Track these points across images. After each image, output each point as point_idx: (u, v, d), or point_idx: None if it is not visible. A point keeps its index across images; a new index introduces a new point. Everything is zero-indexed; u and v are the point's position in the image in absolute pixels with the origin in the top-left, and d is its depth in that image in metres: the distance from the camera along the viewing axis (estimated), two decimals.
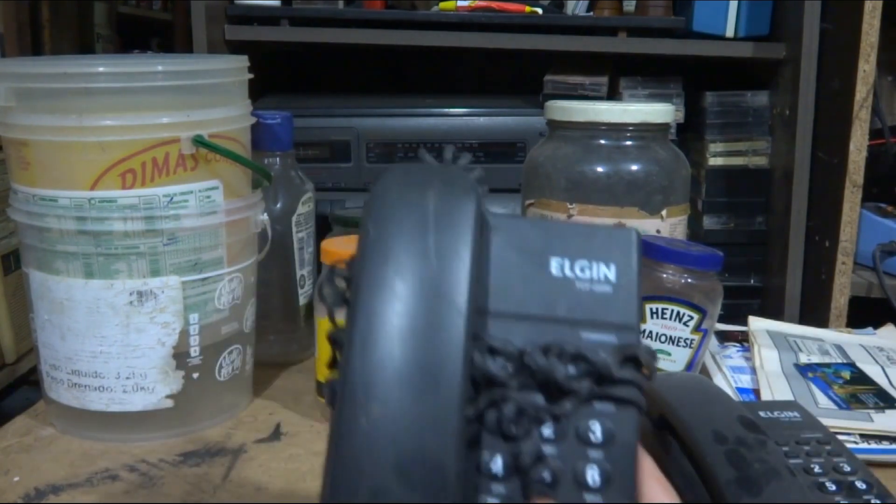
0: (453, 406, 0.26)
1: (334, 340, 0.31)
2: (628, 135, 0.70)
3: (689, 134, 1.03)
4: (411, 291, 0.27)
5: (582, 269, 0.31)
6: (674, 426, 0.49)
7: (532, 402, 0.29)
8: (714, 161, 0.98)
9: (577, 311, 0.31)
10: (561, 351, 0.30)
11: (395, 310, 0.27)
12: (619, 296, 0.31)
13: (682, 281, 0.63)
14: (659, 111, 0.70)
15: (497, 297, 0.31)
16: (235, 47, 0.95)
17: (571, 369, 0.29)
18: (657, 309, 0.64)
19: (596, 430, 0.29)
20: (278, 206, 0.72)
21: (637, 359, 0.30)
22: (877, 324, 0.83)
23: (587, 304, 0.31)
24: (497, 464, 0.28)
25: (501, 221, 0.32)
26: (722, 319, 0.73)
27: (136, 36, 2.40)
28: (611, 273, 0.31)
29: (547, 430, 0.29)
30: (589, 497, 0.28)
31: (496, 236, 0.32)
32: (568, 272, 0.31)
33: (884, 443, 0.58)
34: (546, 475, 0.28)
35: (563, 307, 0.31)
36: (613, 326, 0.31)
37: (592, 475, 0.28)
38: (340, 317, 0.30)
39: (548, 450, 0.29)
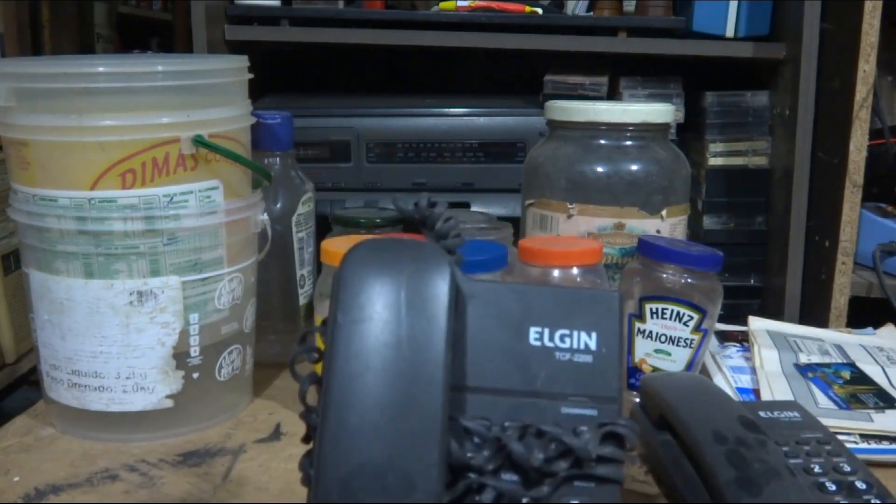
0: None
1: (307, 422, 0.30)
2: (628, 135, 0.70)
3: (689, 134, 1.03)
4: (384, 388, 0.26)
5: (562, 339, 0.31)
6: (674, 426, 0.49)
7: (509, 489, 0.28)
8: (714, 161, 0.98)
9: (556, 383, 0.30)
10: (538, 431, 0.29)
11: (367, 408, 0.26)
12: (599, 365, 0.30)
13: (682, 281, 0.63)
14: (659, 111, 0.70)
15: (475, 371, 0.30)
16: (235, 47, 0.95)
17: (550, 450, 0.29)
18: (657, 309, 0.64)
19: None
20: (278, 206, 0.72)
21: (617, 434, 0.30)
22: (877, 324, 0.83)
23: (567, 376, 0.30)
24: None
25: (478, 288, 0.31)
26: (722, 319, 0.73)
27: (136, 36, 2.40)
28: (591, 341, 0.31)
29: None
30: None
31: (473, 305, 0.31)
32: (548, 342, 0.30)
33: (884, 443, 0.58)
34: None
35: (543, 379, 0.30)
36: (594, 399, 0.30)
37: None
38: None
39: None
